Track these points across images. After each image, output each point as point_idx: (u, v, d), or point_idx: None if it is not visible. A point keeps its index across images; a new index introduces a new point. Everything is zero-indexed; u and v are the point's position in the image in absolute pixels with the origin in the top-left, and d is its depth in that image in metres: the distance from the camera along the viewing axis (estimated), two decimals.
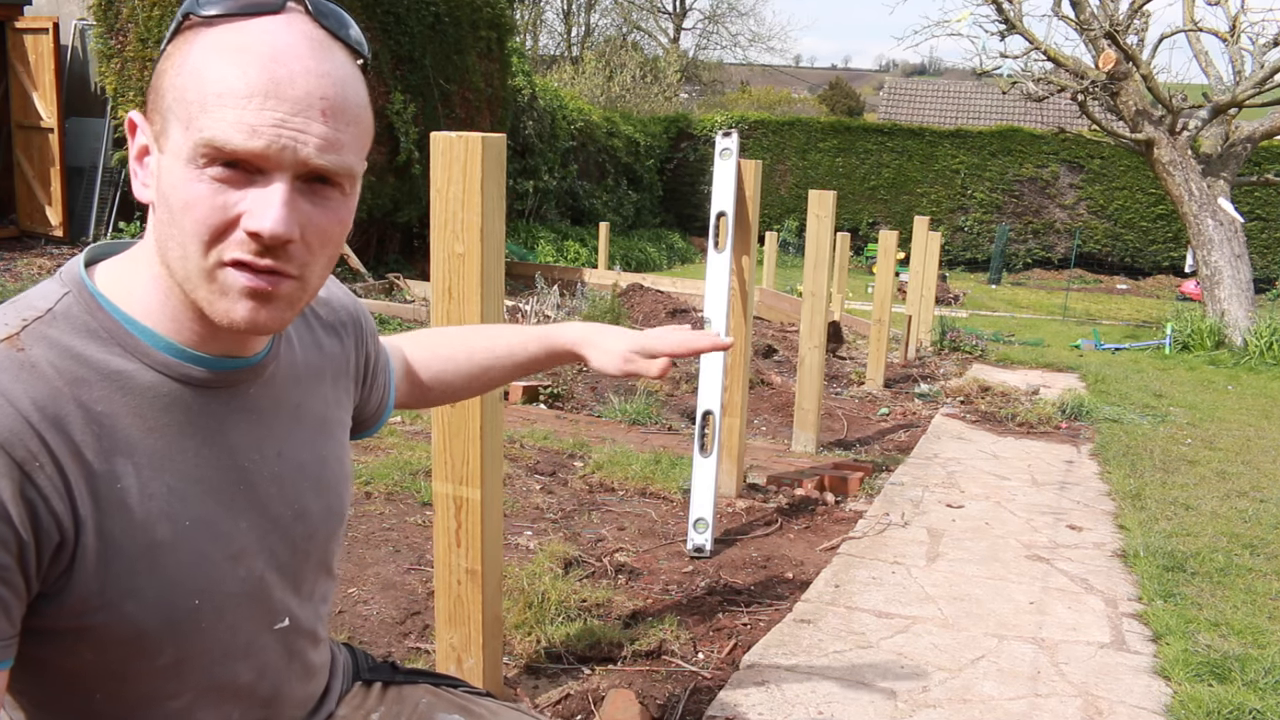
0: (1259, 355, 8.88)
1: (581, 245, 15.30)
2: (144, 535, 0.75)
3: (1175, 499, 3.83)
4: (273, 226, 0.71)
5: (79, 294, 0.76)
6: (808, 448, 4.33)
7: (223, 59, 0.71)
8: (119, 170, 8.87)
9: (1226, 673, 2.23)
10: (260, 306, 0.74)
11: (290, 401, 0.89)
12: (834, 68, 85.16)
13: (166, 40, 0.75)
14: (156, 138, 0.74)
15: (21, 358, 0.71)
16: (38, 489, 0.69)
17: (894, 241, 7.00)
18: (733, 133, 3.09)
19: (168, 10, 7.88)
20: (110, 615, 0.74)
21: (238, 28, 0.72)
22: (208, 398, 0.80)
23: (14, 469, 0.68)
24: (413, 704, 1.04)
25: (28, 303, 0.76)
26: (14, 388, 0.70)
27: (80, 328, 0.75)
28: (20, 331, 0.73)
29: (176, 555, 0.77)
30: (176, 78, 0.72)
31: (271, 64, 0.70)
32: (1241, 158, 10.51)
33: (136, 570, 0.75)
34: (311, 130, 0.71)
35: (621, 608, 2.45)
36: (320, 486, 0.91)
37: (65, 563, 0.72)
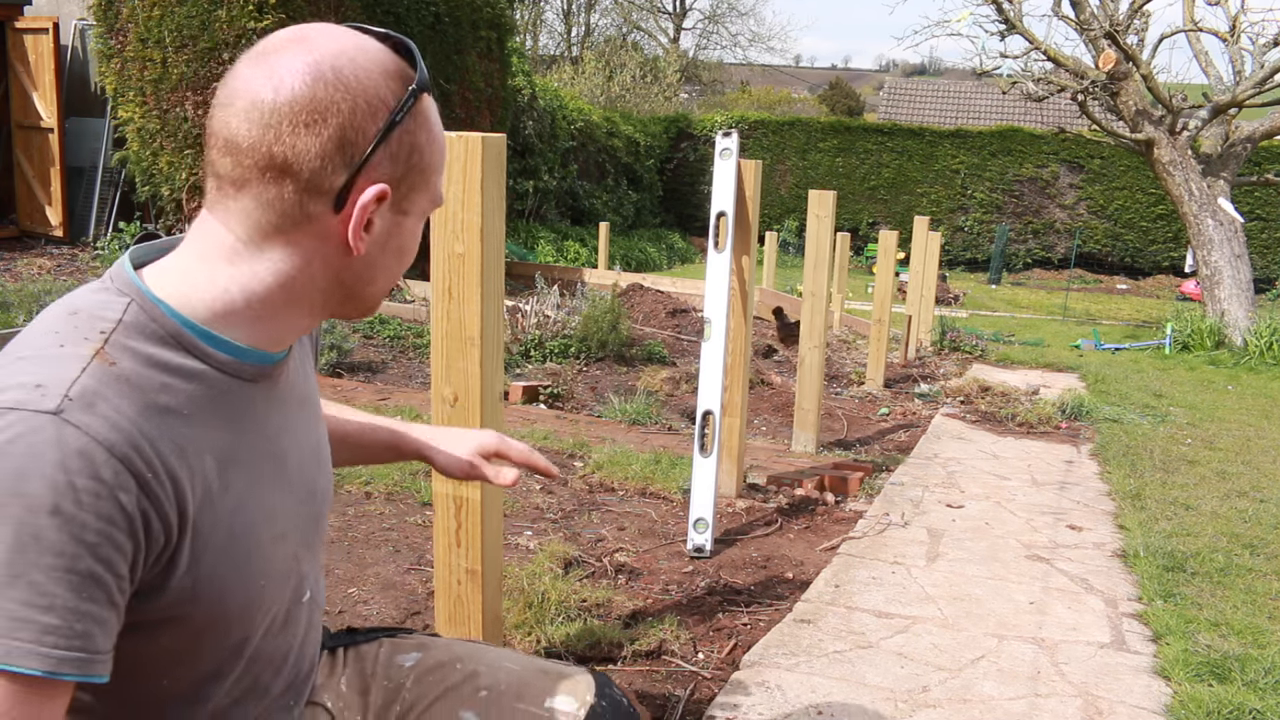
0: (1259, 355, 8.88)
1: (581, 245, 15.30)
2: (225, 526, 0.81)
3: (1175, 499, 3.83)
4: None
5: (141, 302, 0.80)
6: (808, 448, 4.33)
7: (441, 133, 0.87)
8: (119, 170, 8.87)
9: (1226, 673, 2.23)
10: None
11: (300, 389, 0.97)
12: (834, 68, 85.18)
13: (408, 109, 0.82)
14: (401, 200, 0.84)
15: (116, 372, 0.74)
16: (151, 499, 0.73)
17: (894, 241, 7.00)
18: (733, 133, 3.09)
19: (167, 10, 7.87)
20: (196, 605, 0.80)
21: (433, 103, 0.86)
22: (253, 390, 0.86)
23: (132, 482, 0.71)
24: (372, 656, 1.12)
25: (92, 313, 0.78)
26: (122, 403, 0.73)
27: (151, 335, 0.79)
28: (104, 346, 0.75)
29: (247, 541, 0.83)
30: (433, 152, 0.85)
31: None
32: (1241, 158, 10.51)
33: (220, 560, 0.80)
34: None
35: (621, 608, 2.45)
36: (322, 465, 1.00)
37: (165, 563, 0.77)
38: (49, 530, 0.67)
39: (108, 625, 0.71)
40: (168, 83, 8.02)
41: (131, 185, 8.76)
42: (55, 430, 0.69)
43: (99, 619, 0.70)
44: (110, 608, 0.71)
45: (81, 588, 0.68)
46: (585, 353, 6.12)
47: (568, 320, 6.48)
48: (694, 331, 7.05)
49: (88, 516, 0.68)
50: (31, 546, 0.67)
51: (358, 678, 1.10)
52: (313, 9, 8.20)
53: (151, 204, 8.69)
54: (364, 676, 1.10)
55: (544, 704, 1.06)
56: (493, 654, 1.13)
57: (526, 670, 1.10)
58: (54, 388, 0.71)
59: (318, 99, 0.76)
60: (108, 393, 0.72)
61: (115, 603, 0.71)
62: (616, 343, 6.17)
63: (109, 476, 0.70)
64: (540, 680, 1.09)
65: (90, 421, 0.70)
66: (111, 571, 0.70)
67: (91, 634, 0.69)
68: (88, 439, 0.69)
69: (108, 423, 0.71)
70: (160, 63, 7.98)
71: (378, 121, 0.78)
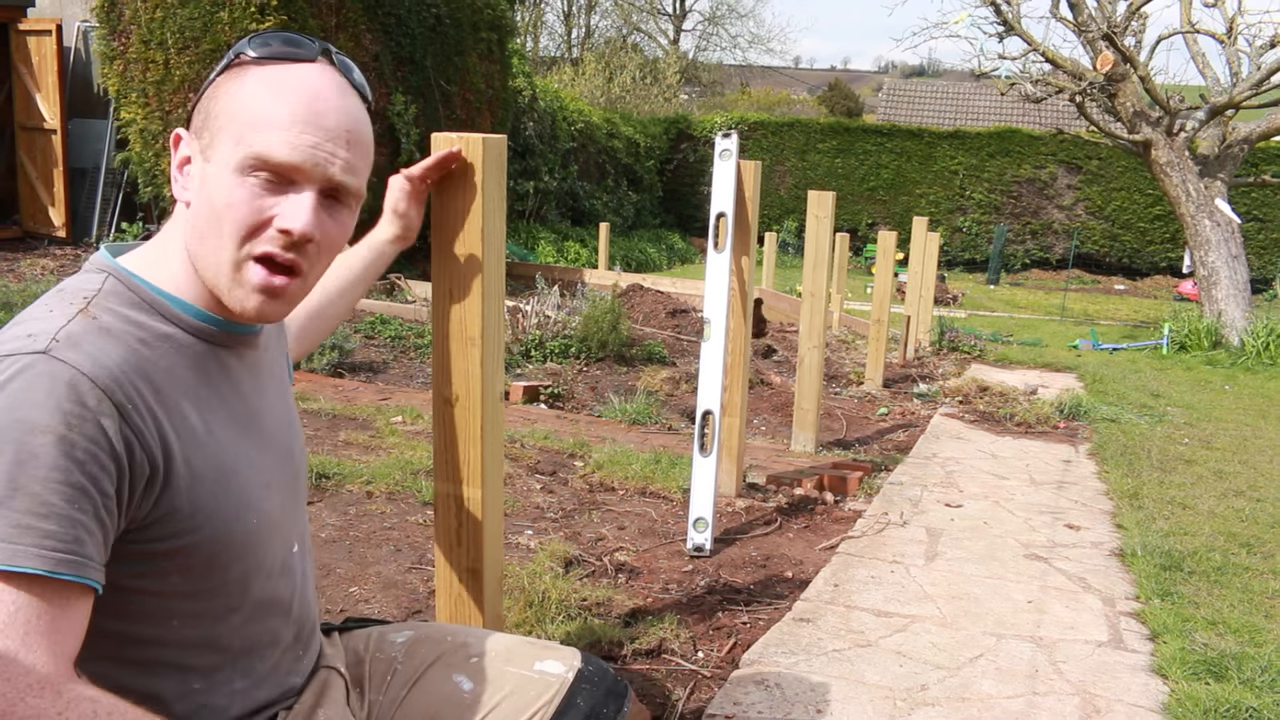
0: (1256, 355, 8.90)
1: (582, 246, 15.31)
2: (215, 462, 0.91)
3: (1172, 498, 3.84)
4: (304, 226, 0.89)
5: (117, 275, 0.92)
6: (807, 447, 4.34)
7: (272, 91, 0.89)
8: (121, 171, 8.89)
9: (1223, 671, 2.24)
10: (269, 300, 0.92)
11: (271, 361, 1.07)
12: (833, 69, 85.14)
13: (217, 73, 0.92)
14: (203, 150, 0.90)
15: (98, 324, 0.86)
16: (133, 428, 0.83)
17: (893, 242, 7.02)
18: (732, 134, 3.11)
19: (169, 12, 7.89)
20: (197, 535, 0.88)
21: (283, 69, 0.90)
22: (226, 355, 0.97)
23: (114, 410, 0.81)
24: (364, 636, 1.21)
25: (76, 288, 0.90)
26: (103, 345, 0.84)
27: (128, 301, 0.91)
28: (87, 306, 0.87)
29: (237, 479, 0.93)
30: (231, 102, 0.89)
31: (312, 99, 0.90)
32: (1239, 159, 10.52)
33: (215, 493, 0.90)
34: (339, 154, 0.91)
35: (621, 607, 2.46)
36: (295, 432, 1.10)
37: (157, 492, 0.86)
38: (44, 448, 0.77)
39: (95, 537, 0.79)
40: (170, 84, 8.03)
41: (134, 186, 8.77)
42: (46, 365, 0.80)
43: (88, 528, 0.79)
44: (96, 521, 0.79)
45: (74, 499, 0.78)
46: (585, 353, 6.13)
47: (568, 320, 6.49)
48: (694, 331, 7.06)
49: (76, 436, 0.78)
50: (30, 463, 0.76)
51: (351, 654, 1.17)
52: (314, 11, 8.21)
53: (154, 205, 8.71)
54: (357, 653, 1.17)
55: (533, 666, 1.13)
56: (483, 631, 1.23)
57: (516, 641, 1.19)
58: (43, 335, 0.83)
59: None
60: (91, 337, 0.84)
61: (101, 518, 0.80)
62: (616, 343, 6.19)
63: (93, 403, 0.80)
64: (529, 649, 1.17)
65: (75, 357, 0.81)
66: (98, 488, 0.79)
67: (82, 540, 0.78)
68: (73, 371, 0.80)
69: (90, 358, 0.82)
70: (163, 64, 7.99)
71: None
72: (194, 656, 0.92)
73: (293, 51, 0.91)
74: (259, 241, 0.89)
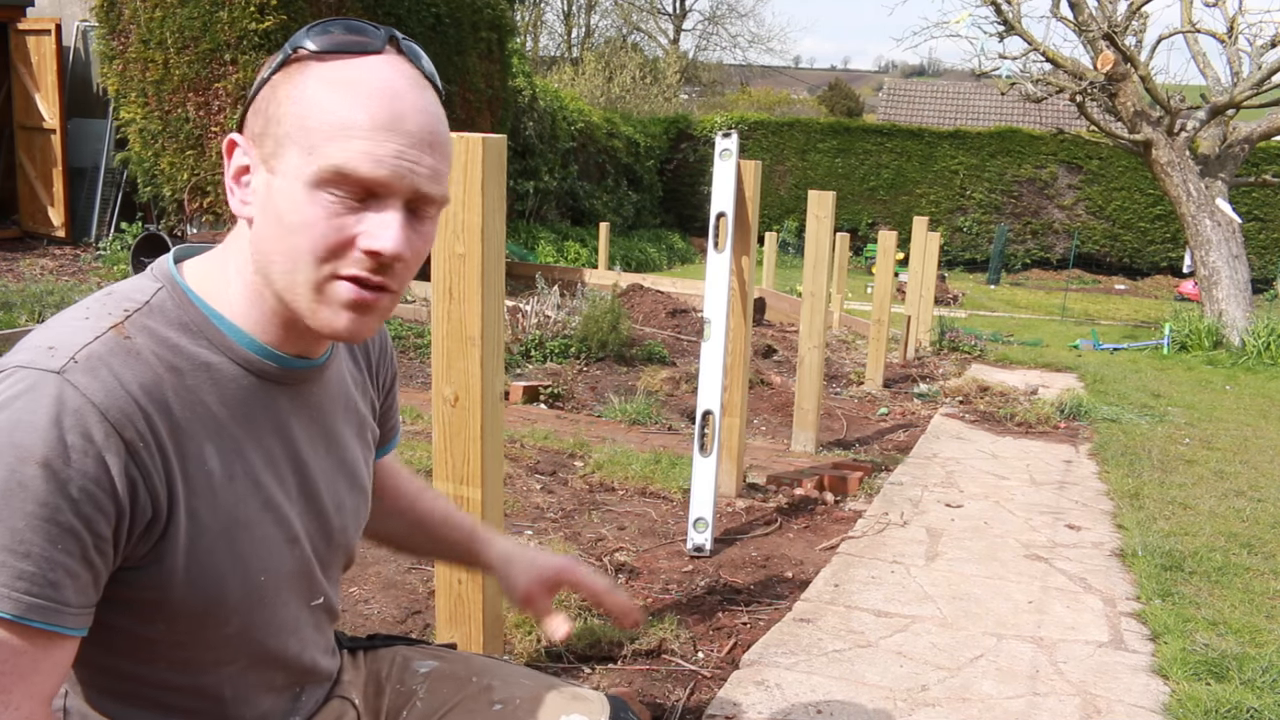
0: (1256, 355, 8.90)
1: (582, 246, 15.31)
2: (226, 515, 0.82)
3: (1173, 498, 3.84)
4: (394, 247, 0.79)
5: (172, 289, 0.83)
6: (807, 447, 4.34)
7: (342, 93, 0.78)
8: (120, 171, 8.88)
9: (1224, 671, 2.24)
10: (360, 317, 0.82)
11: (339, 402, 0.96)
12: (833, 69, 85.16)
13: (272, 70, 0.81)
14: (265, 160, 0.80)
15: (128, 345, 0.78)
16: (140, 467, 0.76)
17: (893, 242, 7.01)
18: (732, 133, 3.10)
19: (168, 12, 7.88)
20: (191, 589, 0.81)
21: (349, 64, 0.79)
22: (277, 392, 0.87)
23: (122, 447, 0.74)
24: (388, 660, 1.12)
25: (124, 294, 0.82)
26: (124, 373, 0.76)
27: (174, 321, 0.82)
28: (124, 321, 0.79)
29: (250, 534, 0.84)
30: (294, 106, 0.79)
31: (392, 101, 0.78)
32: (1239, 158, 10.52)
33: (218, 548, 0.82)
34: (424, 162, 0.80)
35: None
36: (354, 484, 0.99)
37: (155, 538, 0.78)
38: (35, 480, 0.70)
39: (80, 580, 0.73)
40: (169, 84, 8.03)
41: (133, 186, 8.77)
42: (56, 388, 0.73)
43: (71, 572, 0.72)
44: (84, 564, 0.73)
45: (58, 539, 0.71)
46: (585, 353, 6.13)
47: (568, 320, 6.49)
48: (694, 331, 7.06)
49: (73, 472, 0.71)
50: (17, 494, 0.70)
51: (372, 680, 1.10)
52: (314, 10, 8.21)
53: (153, 204, 8.70)
54: (379, 679, 1.10)
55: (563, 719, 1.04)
56: (509, 669, 1.12)
57: (541, 687, 1.08)
58: (63, 350, 0.75)
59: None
60: (114, 361, 0.76)
61: (90, 560, 0.73)
62: (616, 343, 6.18)
63: (99, 437, 0.73)
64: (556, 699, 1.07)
65: (89, 384, 0.74)
66: (90, 530, 0.72)
67: (61, 585, 0.72)
68: (84, 399, 0.73)
69: (106, 388, 0.74)
70: (162, 64, 7.99)
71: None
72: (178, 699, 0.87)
73: (358, 41, 0.80)
74: (343, 263, 0.79)
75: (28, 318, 5.27)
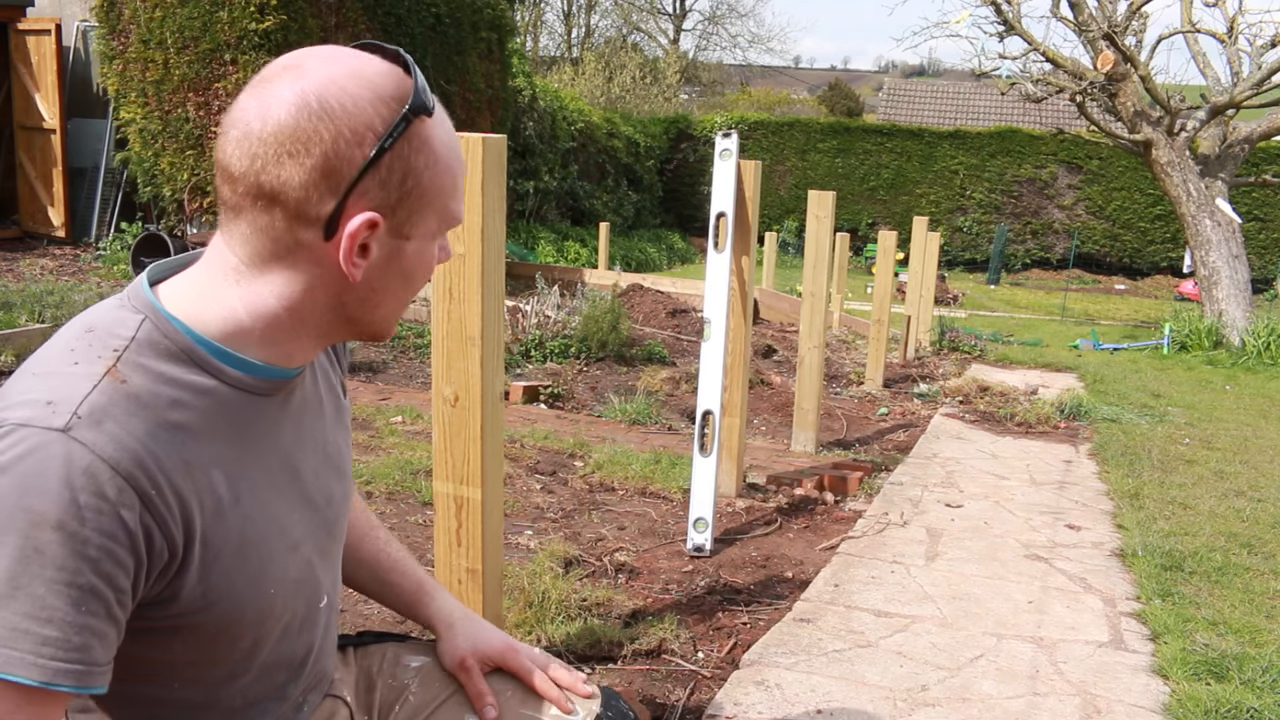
0: (1256, 355, 8.90)
1: (582, 245, 15.31)
2: (237, 537, 0.83)
3: (1173, 498, 3.84)
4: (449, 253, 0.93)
5: (155, 319, 0.81)
6: (807, 447, 4.34)
7: (449, 154, 0.85)
8: (120, 171, 8.89)
9: (1224, 671, 2.24)
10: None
11: (317, 397, 0.97)
12: (833, 69, 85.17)
13: (398, 135, 0.79)
14: (400, 226, 0.83)
15: (126, 390, 0.76)
16: (155, 516, 0.75)
17: (893, 242, 7.01)
18: (732, 133, 3.10)
19: (169, 11, 7.88)
20: (207, 613, 0.82)
21: (438, 123, 0.84)
22: (265, 405, 0.87)
23: (136, 500, 0.73)
24: (380, 655, 1.13)
25: (107, 331, 0.79)
26: (130, 422, 0.74)
27: (164, 352, 0.80)
28: (116, 364, 0.77)
29: (259, 551, 0.85)
30: (435, 176, 0.83)
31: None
32: (1239, 158, 10.52)
33: (232, 569, 0.82)
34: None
35: (621, 607, 2.46)
36: (339, 472, 1.00)
37: (172, 575, 0.78)
38: (52, 545, 0.69)
39: (107, 639, 0.73)
40: (169, 84, 8.03)
41: (133, 186, 8.78)
42: (63, 447, 0.71)
43: (98, 632, 0.72)
44: (109, 621, 0.73)
45: (81, 601, 0.70)
46: (585, 353, 6.13)
47: (568, 320, 6.49)
48: (694, 331, 7.06)
49: (90, 533, 0.70)
50: (34, 560, 0.69)
51: (364, 676, 1.11)
52: (313, 10, 8.21)
53: (153, 204, 8.71)
54: (370, 675, 1.11)
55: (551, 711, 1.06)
56: None
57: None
58: (64, 405, 0.72)
59: (300, 129, 0.76)
60: (116, 411, 0.74)
61: (115, 616, 0.73)
62: (616, 343, 6.19)
63: (113, 494, 0.71)
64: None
65: (97, 439, 0.72)
66: (112, 586, 0.72)
67: (90, 646, 0.71)
68: (93, 456, 0.71)
69: (114, 441, 0.73)
70: (162, 64, 7.99)
71: (365, 149, 0.77)
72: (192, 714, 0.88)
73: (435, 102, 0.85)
74: None
75: (28, 318, 5.27)
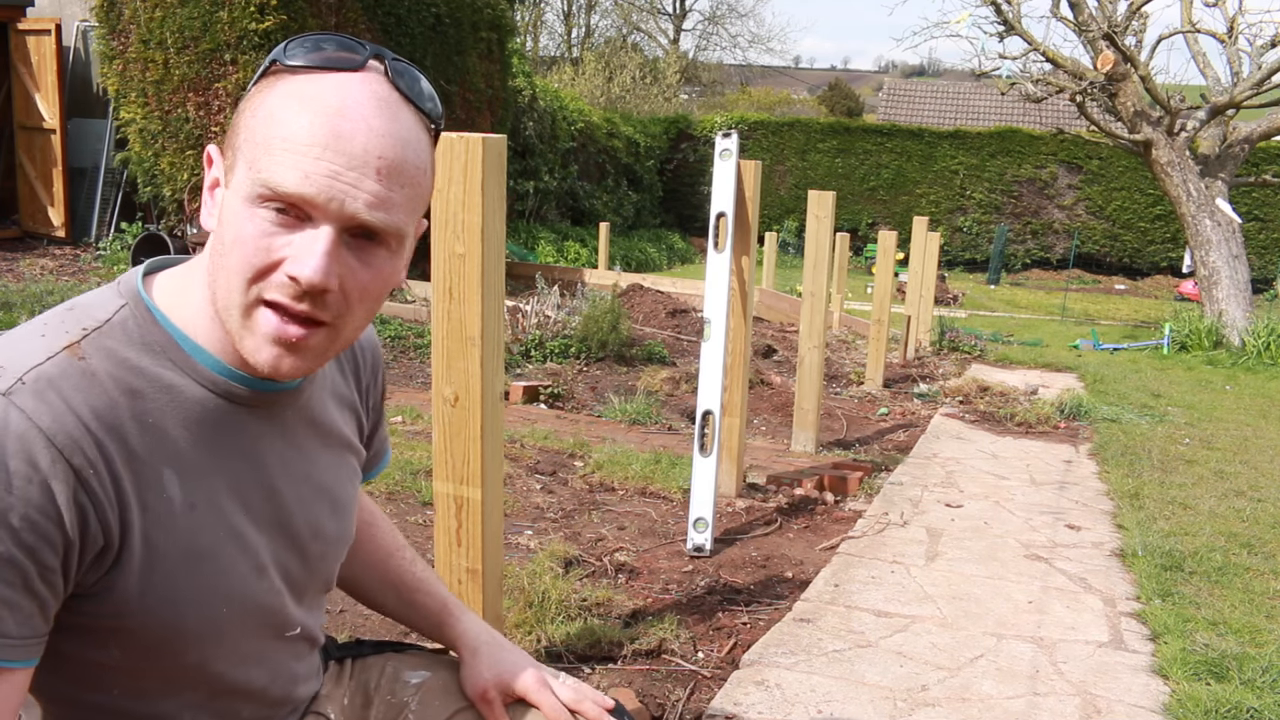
0: (1256, 355, 8.90)
1: (582, 245, 15.31)
2: (185, 543, 0.79)
3: (1173, 498, 3.84)
4: (310, 274, 0.73)
5: (135, 307, 0.79)
6: (807, 447, 4.34)
7: (293, 106, 0.74)
8: (120, 171, 8.89)
9: (1224, 671, 2.24)
10: (286, 354, 0.77)
11: (319, 425, 0.92)
12: (833, 69, 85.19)
13: (253, 82, 0.78)
14: (226, 172, 0.77)
15: (82, 366, 0.74)
16: (90, 495, 0.72)
17: (893, 242, 7.02)
18: (732, 133, 3.10)
19: (169, 11, 7.88)
20: (146, 618, 0.77)
21: (315, 79, 0.75)
22: (247, 416, 0.83)
23: (70, 475, 0.71)
24: (378, 669, 1.08)
25: (86, 311, 0.78)
26: (75, 396, 0.72)
27: (135, 340, 0.78)
28: (80, 340, 0.75)
29: (213, 564, 0.81)
30: (251, 119, 0.76)
31: (336, 118, 0.73)
32: (1239, 158, 10.52)
33: (176, 576, 0.78)
34: (364, 186, 0.73)
35: (621, 607, 2.46)
36: (336, 509, 0.95)
37: (107, 566, 0.75)
38: None
39: (20, 611, 0.70)
40: (169, 84, 8.03)
41: (133, 186, 8.78)
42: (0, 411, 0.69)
43: (12, 603, 0.69)
44: (27, 594, 0.70)
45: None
46: (585, 353, 6.13)
47: (568, 320, 6.49)
48: (694, 331, 7.06)
49: (14, 500, 0.68)
50: None
51: (360, 691, 1.06)
52: (313, 10, 8.21)
53: (153, 204, 8.71)
54: (367, 690, 1.06)
55: None
56: None
57: None
58: (11, 370, 0.71)
59: None
60: (64, 384, 0.72)
61: (34, 590, 0.70)
62: (616, 343, 6.19)
63: (44, 464, 0.69)
64: None
65: (37, 407, 0.70)
66: (34, 560, 0.69)
67: (0, 617, 0.69)
68: (29, 423, 0.69)
69: (54, 411, 0.71)
70: (162, 64, 7.99)
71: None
72: None
73: (331, 58, 0.75)
74: (267, 286, 0.75)
75: (27, 317, 5.27)
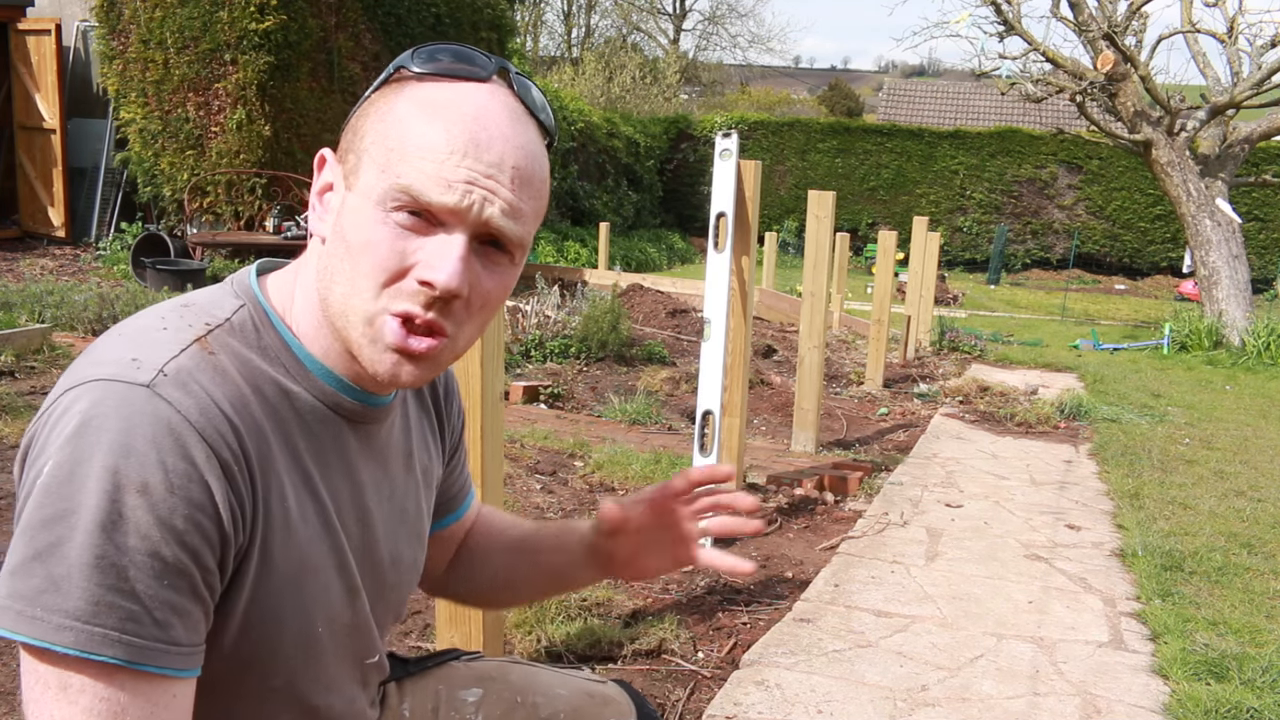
0: (1256, 355, 8.89)
1: (582, 245, 15.31)
2: (296, 557, 0.76)
3: (1173, 498, 3.84)
4: (447, 280, 0.72)
5: (254, 309, 0.78)
6: (807, 447, 4.34)
7: (428, 113, 0.73)
8: (120, 171, 8.89)
9: (1224, 671, 2.24)
10: (405, 362, 0.75)
11: (405, 448, 0.90)
12: (833, 69, 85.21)
13: (374, 88, 0.78)
14: (346, 176, 0.76)
15: (214, 361, 0.72)
16: (235, 492, 0.70)
17: (893, 242, 7.02)
18: (732, 133, 3.10)
19: (169, 11, 7.89)
20: (245, 634, 0.74)
21: (446, 87, 0.75)
22: (349, 431, 0.81)
23: (221, 471, 0.68)
24: (431, 691, 1.06)
25: (205, 308, 0.77)
26: (215, 390, 0.70)
27: (253, 343, 0.76)
28: (207, 335, 0.73)
29: (315, 581, 0.78)
30: (379, 123, 0.75)
31: (474, 125, 0.73)
32: (1239, 158, 10.52)
33: (283, 591, 0.75)
34: (500, 194, 0.74)
35: (621, 607, 2.46)
36: (414, 537, 0.93)
37: (233, 570, 0.72)
38: (136, 510, 0.64)
39: (190, 618, 0.67)
40: (169, 84, 8.04)
41: (133, 186, 8.78)
42: (149, 404, 0.66)
43: (180, 610, 0.66)
44: (194, 598, 0.67)
45: (164, 574, 0.65)
46: (585, 353, 6.13)
47: (568, 320, 6.49)
48: (694, 331, 7.06)
49: (178, 500, 0.65)
50: (119, 527, 0.63)
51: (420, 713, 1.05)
52: (313, 10, 8.21)
53: (153, 204, 8.72)
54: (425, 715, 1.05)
55: None
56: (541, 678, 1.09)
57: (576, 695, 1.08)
58: (148, 362, 0.68)
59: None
60: (202, 377, 0.70)
61: (199, 594, 0.68)
62: (616, 343, 6.19)
63: (200, 459, 0.67)
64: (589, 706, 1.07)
65: (183, 400, 0.67)
66: (197, 562, 0.67)
67: (171, 624, 0.66)
68: (180, 417, 0.67)
69: (199, 405, 0.68)
70: (162, 64, 8.00)
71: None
72: None
73: (461, 68, 0.76)
74: (397, 294, 0.73)
75: (27, 318, 5.27)
